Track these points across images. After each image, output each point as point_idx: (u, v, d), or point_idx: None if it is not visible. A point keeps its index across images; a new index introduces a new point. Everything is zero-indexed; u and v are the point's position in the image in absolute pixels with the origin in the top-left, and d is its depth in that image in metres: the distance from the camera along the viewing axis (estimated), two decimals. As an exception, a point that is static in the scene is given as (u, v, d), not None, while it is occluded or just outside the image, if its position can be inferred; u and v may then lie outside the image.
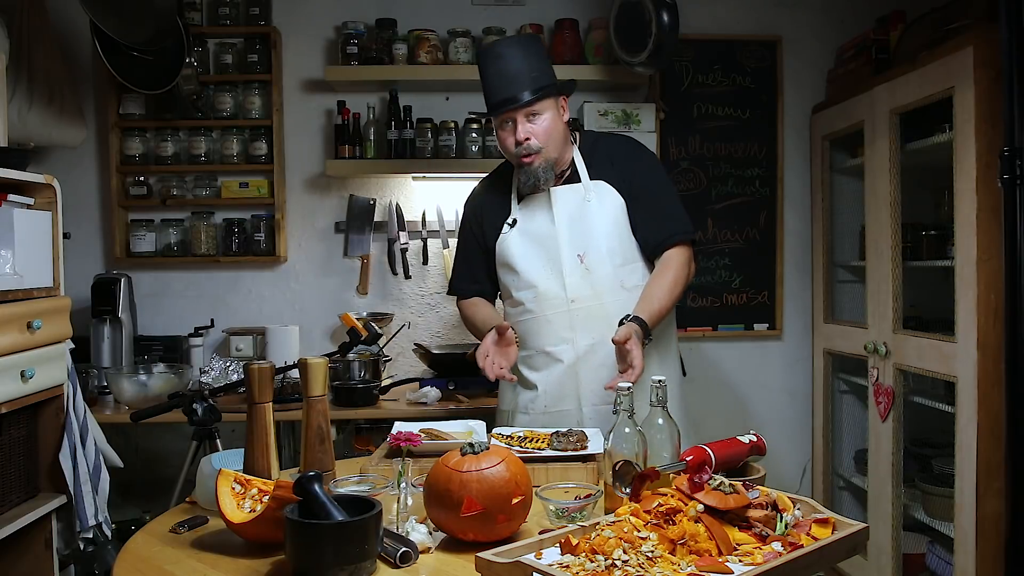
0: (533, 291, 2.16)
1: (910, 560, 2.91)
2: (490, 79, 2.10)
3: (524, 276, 2.18)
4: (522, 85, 2.06)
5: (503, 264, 2.23)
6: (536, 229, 2.17)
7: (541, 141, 2.09)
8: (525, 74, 2.06)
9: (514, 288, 2.20)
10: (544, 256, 2.16)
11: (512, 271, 2.20)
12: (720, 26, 3.53)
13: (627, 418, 1.54)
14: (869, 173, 3.02)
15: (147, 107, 3.34)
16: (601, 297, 2.13)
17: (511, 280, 2.21)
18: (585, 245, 2.13)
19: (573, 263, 2.13)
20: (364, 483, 1.54)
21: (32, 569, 2.22)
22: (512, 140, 2.10)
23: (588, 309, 2.12)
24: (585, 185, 2.16)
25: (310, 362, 1.59)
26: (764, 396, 3.61)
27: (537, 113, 2.08)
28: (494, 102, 2.09)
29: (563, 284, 2.13)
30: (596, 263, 2.13)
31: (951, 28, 2.60)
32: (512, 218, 2.21)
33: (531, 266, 2.17)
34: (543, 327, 2.15)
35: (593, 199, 2.15)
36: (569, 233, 2.14)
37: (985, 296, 2.38)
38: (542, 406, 2.17)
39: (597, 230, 2.13)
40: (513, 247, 2.19)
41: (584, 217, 2.14)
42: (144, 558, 1.40)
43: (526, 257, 2.17)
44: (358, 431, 3.10)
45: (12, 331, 2.03)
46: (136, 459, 3.26)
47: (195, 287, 3.46)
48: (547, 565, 1.13)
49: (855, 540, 1.26)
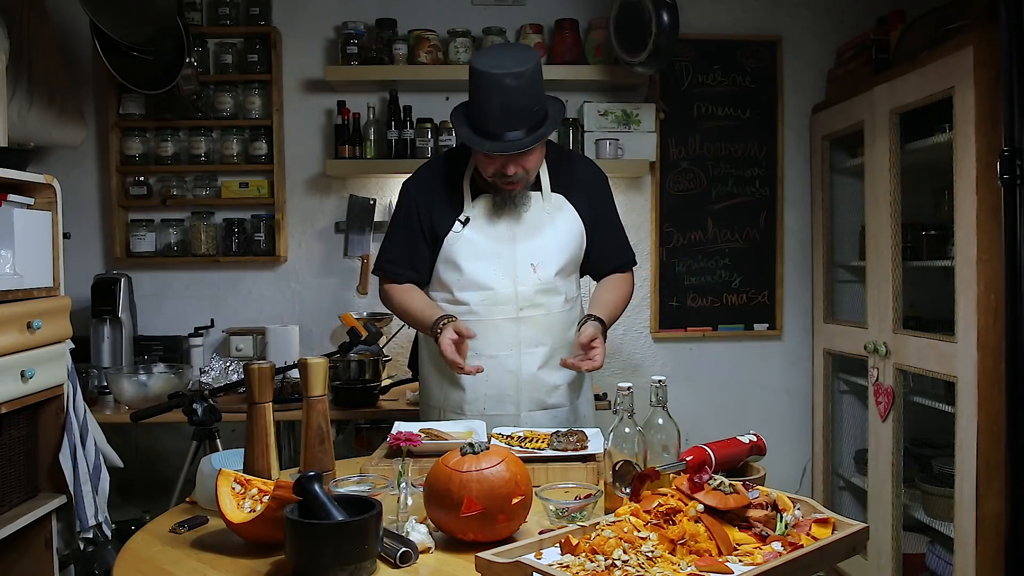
0: (481, 294, 2.12)
1: (910, 560, 2.91)
2: (488, 108, 1.97)
3: (471, 277, 2.12)
4: (522, 123, 1.97)
5: (448, 261, 2.15)
6: (492, 232, 2.12)
7: (528, 171, 2.06)
8: (528, 111, 1.97)
9: (456, 288, 2.14)
10: (496, 260, 2.12)
11: (457, 270, 2.14)
12: (720, 26, 3.53)
13: (627, 418, 1.54)
14: (869, 173, 3.02)
15: (147, 107, 3.34)
16: (547, 307, 2.14)
17: (453, 279, 2.15)
18: (540, 256, 2.12)
19: (526, 271, 2.12)
20: (364, 483, 1.54)
21: (32, 569, 2.22)
22: (497, 170, 2.03)
23: (535, 318, 2.11)
24: (546, 195, 2.15)
25: (310, 362, 1.59)
26: (764, 396, 3.61)
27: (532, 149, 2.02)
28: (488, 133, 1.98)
29: (515, 291, 2.11)
30: (546, 275, 2.14)
31: (951, 28, 2.60)
32: (465, 215, 2.14)
33: (481, 268, 2.12)
34: (489, 331, 2.11)
35: (552, 212, 2.15)
36: (527, 242, 2.12)
37: (985, 296, 2.38)
38: (481, 408, 2.15)
39: (553, 243, 2.14)
40: (464, 246, 2.12)
41: (543, 229, 2.13)
42: (144, 558, 1.40)
43: (477, 258, 2.12)
44: (358, 431, 3.10)
45: (12, 331, 2.03)
46: (136, 459, 3.27)
47: (195, 287, 3.46)
48: (547, 565, 1.13)
49: (855, 540, 1.26)
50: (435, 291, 2.21)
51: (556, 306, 2.16)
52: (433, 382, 2.24)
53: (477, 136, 2.00)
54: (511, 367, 2.12)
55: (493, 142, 1.98)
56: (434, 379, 2.23)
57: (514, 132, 1.97)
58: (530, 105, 1.98)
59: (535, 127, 2.00)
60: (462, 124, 2.04)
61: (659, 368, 3.53)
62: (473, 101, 2.02)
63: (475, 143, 2.01)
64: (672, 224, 3.53)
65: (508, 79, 1.94)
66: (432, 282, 2.21)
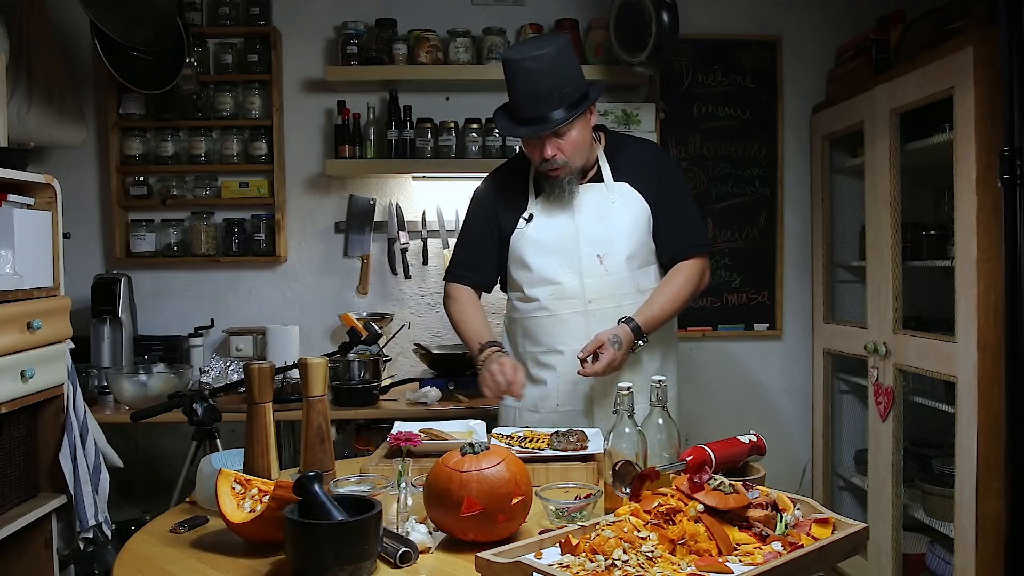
0: (550, 289, 2.15)
1: (910, 560, 2.91)
2: (517, 95, 2.02)
3: (539, 273, 2.16)
4: (551, 104, 1.99)
5: (516, 259, 2.20)
6: (555, 226, 2.15)
7: (568, 155, 2.06)
8: (556, 92, 1.99)
9: (526, 284, 2.18)
10: (562, 254, 2.14)
11: (525, 267, 2.18)
12: (720, 26, 3.53)
13: (627, 418, 1.54)
14: (869, 173, 3.02)
15: (147, 107, 3.34)
16: (618, 299, 2.14)
17: (523, 276, 2.19)
18: (605, 246, 2.13)
19: (592, 263, 2.12)
20: (364, 483, 1.54)
21: (32, 569, 2.22)
22: (539, 155, 2.07)
23: (604, 311, 2.11)
24: (608, 186, 2.16)
25: (310, 362, 1.59)
26: (764, 396, 3.61)
27: (565, 130, 2.04)
28: (522, 120, 2.04)
29: (582, 284, 2.13)
30: (614, 265, 2.13)
31: (951, 28, 2.60)
32: (528, 213, 2.18)
33: (547, 263, 2.15)
34: (558, 326, 2.15)
35: (617, 201, 2.14)
36: (590, 233, 2.13)
37: (985, 296, 2.38)
38: (554, 404, 2.18)
39: (618, 232, 2.13)
40: (529, 243, 2.16)
41: (606, 218, 2.14)
42: (144, 558, 1.40)
43: (542, 254, 2.15)
44: (358, 431, 3.10)
45: (12, 331, 2.03)
46: (136, 459, 3.26)
47: (195, 287, 3.46)
48: (547, 565, 1.13)
49: (855, 540, 1.26)
50: (511, 291, 2.27)
51: (628, 299, 2.14)
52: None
53: (513, 124, 2.06)
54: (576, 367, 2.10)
55: (526, 127, 2.03)
56: None
57: (546, 116, 2.00)
58: (558, 87, 1.99)
59: (569, 108, 2.02)
60: (502, 118, 2.10)
61: (659, 368, 3.52)
62: (509, 90, 2.06)
63: (509, 130, 2.08)
64: (672, 224, 3.52)
65: (528, 63, 1.99)
66: (507, 282, 2.27)
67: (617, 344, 1.99)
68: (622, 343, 2.00)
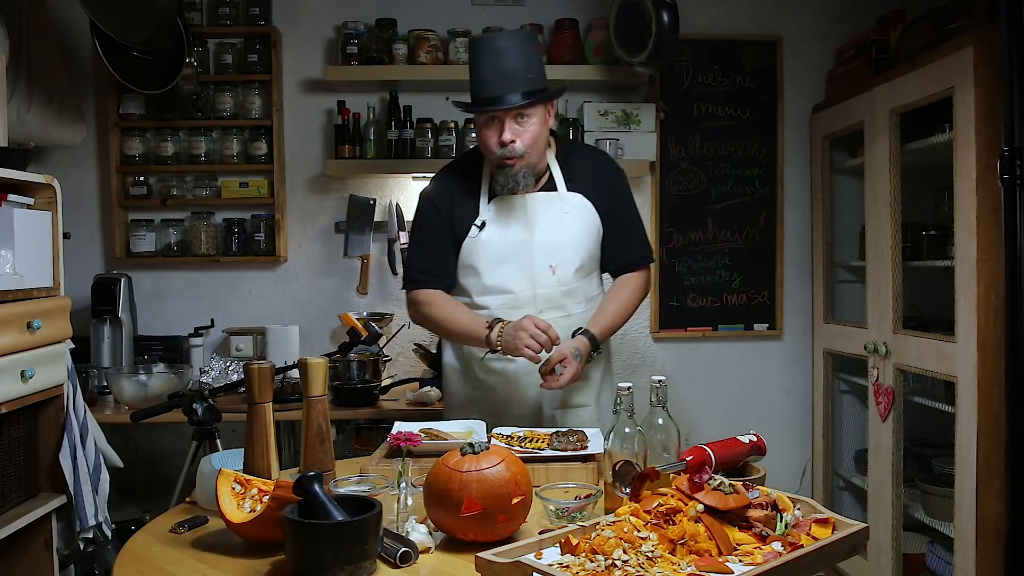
0: (502, 298, 2.13)
1: (910, 560, 2.91)
2: (483, 72, 2.03)
3: (491, 282, 2.13)
4: (516, 85, 2.00)
5: (467, 266, 2.16)
6: (509, 235, 2.13)
7: (526, 145, 2.04)
8: (521, 74, 2.01)
9: (476, 292, 2.15)
10: (515, 264, 2.12)
11: (476, 274, 2.15)
12: (720, 26, 3.53)
13: (627, 418, 1.54)
14: (869, 173, 3.02)
15: (147, 107, 3.34)
16: (567, 308, 2.15)
17: (473, 283, 2.16)
18: (558, 257, 2.12)
19: (545, 273, 2.12)
20: (364, 483, 1.54)
21: (32, 569, 2.22)
22: (496, 140, 2.04)
23: (554, 320, 2.09)
24: (562, 196, 2.15)
25: (310, 362, 1.59)
26: (764, 396, 3.61)
27: (526, 116, 2.03)
28: (484, 97, 2.03)
29: (534, 294, 2.12)
30: (566, 275, 2.14)
31: (951, 28, 2.60)
32: (481, 220, 2.14)
33: (500, 273, 2.13)
34: None
35: (570, 211, 2.14)
36: (544, 243, 2.12)
37: (985, 296, 2.38)
38: (505, 408, 2.16)
39: (571, 242, 2.13)
40: (482, 251, 2.13)
41: (559, 229, 2.13)
42: (144, 558, 1.40)
43: (495, 262, 2.13)
44: (358, 431, 3.10)
45: (12, 331, 2.03)
46: (136, 459, 3.26)
47: (195, 287, 3.46)
48: (547, 565, 1.13)
49: (855, 540, 1.26)
50: (456, 295, 2.22)
51: (577, 307, 2.16)
52: (455, 381, 2.25)
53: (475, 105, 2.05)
54: (532, 369, 2.10)
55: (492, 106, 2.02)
56: (457, 378, 2.24)
57: (510, 96, 2.01)
58: (524, 69, 2.02)
59: (531, 94, 2.02)
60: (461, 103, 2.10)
61: (659, 368, 3.53)
62: (471, 76, 2.06)
63: (472, 109, 2.06)
64: (672, 224, 3.53)
65: (499, 40, 2.04)
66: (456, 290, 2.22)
67: (579, 357, 2.01)
68: (582, 355, 2.03)
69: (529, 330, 1.96)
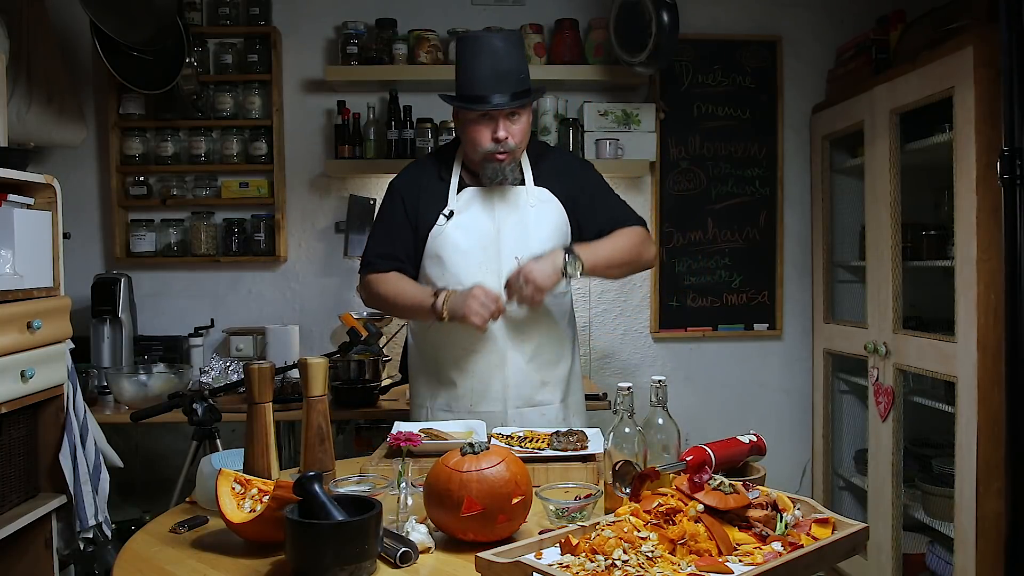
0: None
1: (910, 560, 2.91)
2: (479, 70, 2.04)
3: (454, 272, 2.12)
4: (510, 84, 2.04)
5: (432, 256, 2.15)
6: (475, 226, 2.13)
7: (517, 141, 2.08)
8: (515, 74, 2.05)
9: (440, 282, 2.13)
10: (481, 255, 2.12)
11: (440, 264, 2.13)
12: (720, 26, 3.53)
13: (627, 418, 1.54)
14: (869, 173, 3.02)
15: (147, 107, 3.34)
16: None
17: (438, 274, 2.14)
18: (523, 249, 2.11)
19: (511, 265, 2.09)
20: (364, 483, 1.54)
21: (32, 569, 2.22)
22: (489, 136, 2.06)
23: (520, 311, 2.09)
24: (528, 190, 2.16)
25: (310, 362, 1.59)
26: (764, 396, 3.61)
27: (518, 114, 2.07)
28: (482, 95, 2.04)
29: (499, 285, 2.08)
30: None
31: (951, 28, 2.60)
32: (449, 210, 2.14)
33: (465, 262, 2.12)
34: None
35: (536, 204, 2.15)
36: (509, 235, 2.12)
37: (985, 296, 2.38)
38: (468, 405, 2.15)
39: (536, 235, 2.13)
40: (448, 241, 2.13)
41: (524, 221, 2.14)
42: (144, 558, 1.40)
43: (461, 253, 2.12)
44: (358, 431, 3.10)
45: (12, 331, 2.03)
46: (136, 459, 3.26)
47: (195, 287, 3.46)
48: (547, 565, 1.13)
49: (855, 540, 1.26)
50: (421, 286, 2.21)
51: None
52: (421, 381, 2.25)
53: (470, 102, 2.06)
54: (496, 363, 2.11)
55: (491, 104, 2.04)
56: (422, 378, 2.24)
57: (502, 95, 2.04)
58: (516, 70, 2.06)
59: (520, 95, 2.06)
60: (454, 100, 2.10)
61: (659, 368, 3.53)
62: (462, 73, 2.08)
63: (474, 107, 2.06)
64: (672, 224, 3.53)
65: (497, 40, 2.06)
66: (418, 278, 2.20)
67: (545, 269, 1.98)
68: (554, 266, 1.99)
69: (480, 298, 1.97)
